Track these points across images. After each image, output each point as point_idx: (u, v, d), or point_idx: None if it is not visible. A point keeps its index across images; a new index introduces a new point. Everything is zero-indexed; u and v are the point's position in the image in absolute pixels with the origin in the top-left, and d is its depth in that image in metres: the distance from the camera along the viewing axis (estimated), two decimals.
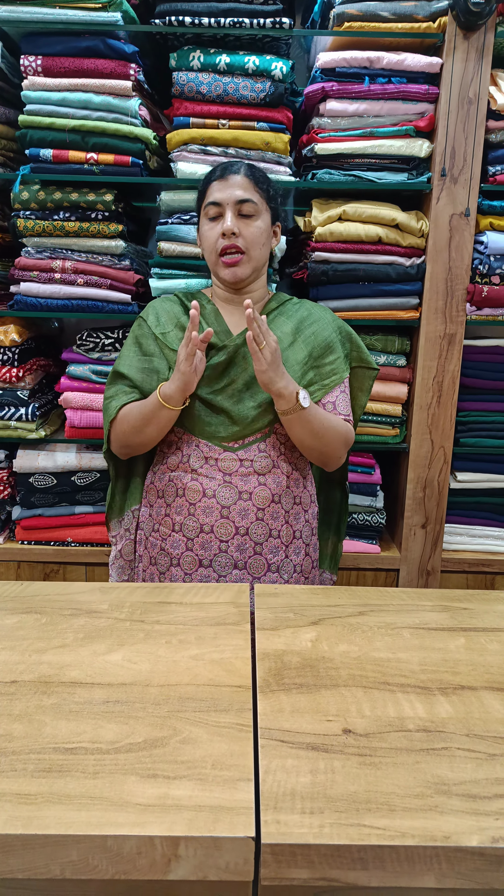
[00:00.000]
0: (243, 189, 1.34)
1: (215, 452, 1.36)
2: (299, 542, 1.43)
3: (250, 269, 1.36)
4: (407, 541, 2.01)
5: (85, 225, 1.83)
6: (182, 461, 1.38)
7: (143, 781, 0.73)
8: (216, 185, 1.35)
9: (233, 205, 1.33)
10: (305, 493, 1.45)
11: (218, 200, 1.34)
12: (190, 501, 1.36)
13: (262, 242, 1.36)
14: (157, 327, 1.43)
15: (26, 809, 0.69)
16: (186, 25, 1.70)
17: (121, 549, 1.54)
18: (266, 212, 1.37)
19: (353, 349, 1.47)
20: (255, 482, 1.35)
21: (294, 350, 1.39)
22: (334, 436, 1.37)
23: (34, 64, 1.75)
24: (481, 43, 1.72)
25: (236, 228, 1.32)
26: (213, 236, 1.35)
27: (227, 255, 1.34)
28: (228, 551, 1.35)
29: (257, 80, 1.74)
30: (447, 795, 0.72)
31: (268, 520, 1.36)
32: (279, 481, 1.37)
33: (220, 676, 0.92)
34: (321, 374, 1.40)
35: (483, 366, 1.97)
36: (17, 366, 1.92)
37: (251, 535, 1.36)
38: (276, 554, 1.38)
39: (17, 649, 0.98)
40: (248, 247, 1.34)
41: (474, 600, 1.19)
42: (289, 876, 0.66)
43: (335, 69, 1.74)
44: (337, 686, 0.91)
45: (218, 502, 1.34)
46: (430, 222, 1.82)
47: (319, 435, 1.34)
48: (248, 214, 1.34)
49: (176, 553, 1.39)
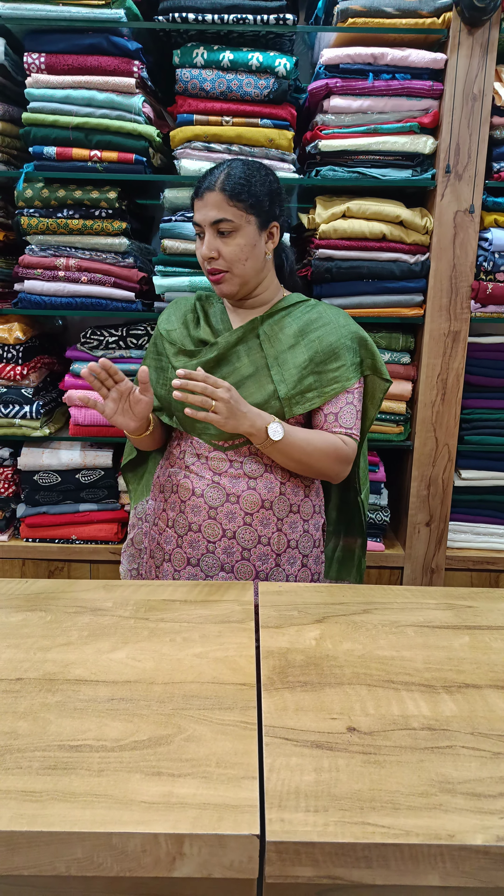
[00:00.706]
0: (217, 209, 1.28)
1: (206, 450, 1.35)
2: (294, 553, 1.37)
3: (237, 285, 1.33)
4: (411, 538, 2.01)
5: (89, 223, 1.82)
6: (179, 457, 1.39)
7: (147, 779, 0.73)
8: (196, 204, 1.32)
9: (209, 226, 1.30)
10: (307, 502, 1.39)
11: (197, 221, 1.32)
12: (181, 498, 1.36)
13: (244, 258, 1.31)
14: (165, 324, 1.44)
15: (31, 807, 0.69)
16: (190, 22, 1.70)
17: (132, 538, 1.57)
18: (249, 223, 1.30)
19: (366, 356, 1.40)
20: (244, 485, 1.32)
21: (294, 353, 1.34)
22: (321, 457, 1.31)
23: (37, 61, 1.74)
24: (486, 39, 1.71)
25: (214, 252, 1.29)
26: (200, 255, 1.34)
27: (211, 275, 1.33)
28: (216, 552, 1.34)
29: (261, 77, 1.73)
30: (451, 794, 0.72)
31: (256, 525, 1.33)
32: (272, 487, 1.33)
33: (225, 674, 0.92)
34: (321, 381, 1.34)
35: (488, 363, 1.96)
36: (21, 364, 1.92)
37: (238, 540, 1.33)
38: (264, 562, 1.35)
39: (22, 647, 0.99)
40: (228, 266, 1.30)
41: (479, 598, 1.19)
42: (293, 874, 0.66)
43: (339, 65, 1.74)
44: (341, 684, 0.91)
45: (206, 502, 1.33)
46: (434, 219, 1.82)
47: (302, 461, 1.30)
48: (225, 232, 1.29)
49: (168, 549, 1.39)
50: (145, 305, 1.94)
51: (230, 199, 1.28)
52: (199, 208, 1.31)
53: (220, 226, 1.29)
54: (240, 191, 1.28)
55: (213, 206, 1.29)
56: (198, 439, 1.36)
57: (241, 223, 1.29)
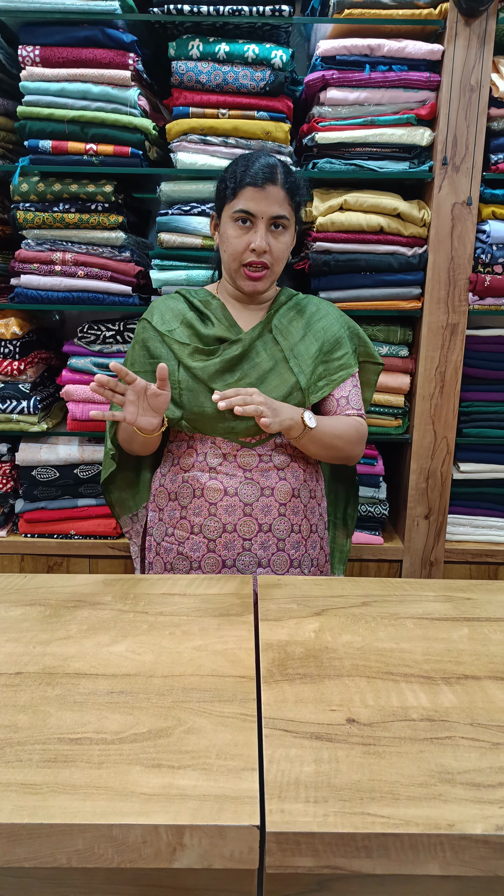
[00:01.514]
0: (280, 204, 1.27)
1: (233, 449, 1.33)
2: (315, 536, 1.42)
3: (269, 284, 1.34)
4: (410, 532, 2.01)
5: (85, 216, 1.82)
6: (198, 460, 1.35)
7: (147, 771, 0.73)
8: (251, 193, 1.27)
9: (267, 220, 1.27)
10: (318, 486, 1.45)
11: (252, 211, 1.27)
12: (210, 501, 1.33)
13: (285, 258, 1.33)
14: (162, 325, 1.38)
15: (32, 799, 0.69)
16: (185, 13, 1.69)
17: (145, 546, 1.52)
18: (293, 224, 1.33)
19: (360, 345, 1.47)
20: (275, 477, 1.34)
21: (305, 344, 1.37)
22: (348, 439, 1.36)
23: (32, 54, 1.73)
24: (483, 29, 1.70)
25: (267, 246, 1.28)
26: (241, 246, 1.29)
27: (251, 269, 1.30)
28: (252, 549, 1.33)
29: (257, 69, 1.73)
30: (451, 784, 0.72)
31: (289, 515, 1.35)
32: (297, 475, 1.36)
33: (224, 667, 0.93)
34: (329, 369, 1.39)
35: (486, 356, 1.96)
36: (18, 359, 1.91)
37: (274, 532, 1.34)
38: (297, 549, 1.37)
39: (22, 641, 0.99)
40: (273, 263, 1.31)
41: (477, 590, 1.19)
42: (293, 864, 0.66)
43: (335, 57, 1.73)
44: (340, 676, 0.91)
45: (241, 500, 1.32)
46: (431, 211, 1.81)
47: (334, 445, 1.34)
48: (279, 228, 1.29)
49: (196, 556, 1.35)
50: (142, 300, 1.93)
51: (289, 197, 1.30)
52: (257, 198, 1.27)
53: (278, 221, 1.29)
54: (296, 192, 1.32)
55: (276, 201, 1.28)
56: (222, 440, 1.33)
57: (292, 223, 1.32)
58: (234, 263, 1.32)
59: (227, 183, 1.32)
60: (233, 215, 1.30)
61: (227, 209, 1.32)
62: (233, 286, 1.39)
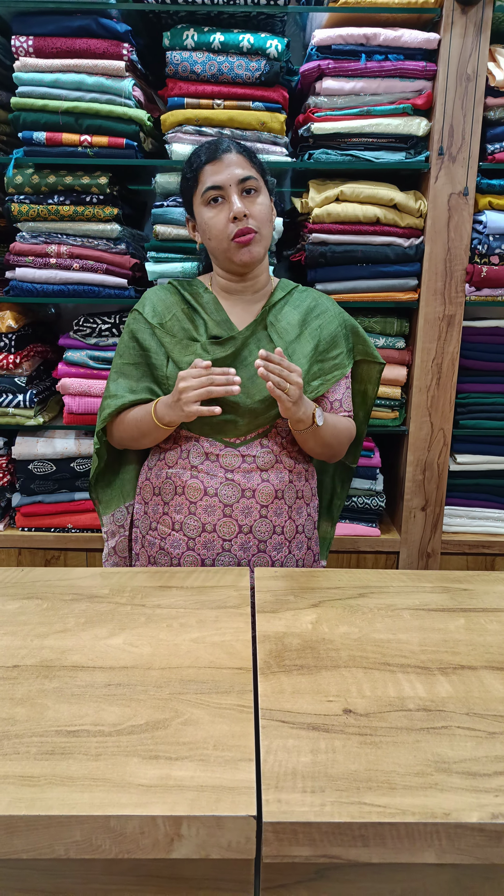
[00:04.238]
0: (241, 167, 1.28)
1: (216, 448, 1.31)
2: (301, 537, 1.39)
3: (263, 248, 1.32)
4: (407, 523, 2.01)
5: (80, 209, 1.81)
6: (181, 457, 1.34)
7: (145, 763, 0.73)
8: (210, 169, 1.29)
9: (236, 185, 1.27)
10: (307, 486, 1.41)
11: (219, 183, 1.27)
12: (190, 500, 1.32)
13: (267, 219, 1.32)
14: (154, 317, 1.37)
15: (30, 791, 0.69)
16: (179, 3, 1.67)
17: (114, 546, 1.47)
18: (265, 186, 1.33)
19: (357, 343, 1.44)
20: (257, 479, 1.31)
21: (301, 343, 1.35)
22: (343, 439, 1.37)
23: (25, 44, 1.72)
24: (479, 18, 1.69)
25: (246, 210, 1.27)
26: (221, 222, 1.28)
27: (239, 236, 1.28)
28: (231, 550, 1.32)
29: (252, 59, 1.71)
30: (447, 773, 0.72)
31: (271, 517, 1.33)
32: (282, 477, 1.34)
33: (221, 659, 0.93)
34: (324, 369, 1.36)
35: (482, 347, 1.96)
36: (13, 352, 1.91)
37: (255, 534, 1.32)
38: (279, 551, 1.35)
39: (19, 634, 0.99)
40: (258, 226, 1.29)
41: (474, 581, 1.19)
42: (290, 853, 0.67)
43: (331, 46, 1.72)
44: (337, 667, 0.91)
45: (220, 501, 1.30)
46: (428, 202, 1.80)
47: (330, 443, 1.34)
48: (251, 191, 1.29)
49: (176, 553, 1.34)
50: (138, 292, 1.93)
51: (249, 160, 1.31)
52: (218, 171, 1.28)
53: (247, 183, 1.29)
54: (253, 156, 1.33)
55: (237, 165, 1.29)
56: (206, 439, 1.32)
57: (262, 185, 1.33)
58: (222, 243, 1.30)
59: (187, 175, 1.34)
60: (203, 198, 1.30)
61: (196, 198, 1.33)
62: (228, 269, 1.35)
